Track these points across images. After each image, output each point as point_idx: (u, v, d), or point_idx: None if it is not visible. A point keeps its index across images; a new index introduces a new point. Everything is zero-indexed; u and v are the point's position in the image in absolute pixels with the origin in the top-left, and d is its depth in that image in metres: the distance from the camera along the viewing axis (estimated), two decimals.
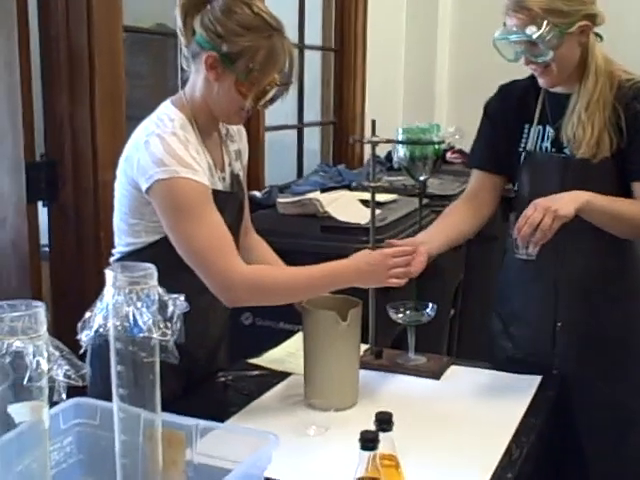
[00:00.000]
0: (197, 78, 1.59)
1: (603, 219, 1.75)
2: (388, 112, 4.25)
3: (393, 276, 1.63)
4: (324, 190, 2.95)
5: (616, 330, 1.91)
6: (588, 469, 1.90)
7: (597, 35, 1.83)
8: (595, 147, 1.77)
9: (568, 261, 1.88)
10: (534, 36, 1.71)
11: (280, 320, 2.39)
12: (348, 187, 3.23)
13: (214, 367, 1.82)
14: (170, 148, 1.50)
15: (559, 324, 1.90)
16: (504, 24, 1.78)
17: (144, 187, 1.52)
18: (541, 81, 1.84)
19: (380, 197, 2.82)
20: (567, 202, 1.64)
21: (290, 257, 1.85)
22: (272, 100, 1.61)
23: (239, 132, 1.79)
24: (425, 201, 2.90)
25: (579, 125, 1.79)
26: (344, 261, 1.64)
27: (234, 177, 1.73)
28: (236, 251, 1.56)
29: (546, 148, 1.88)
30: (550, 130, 1.87)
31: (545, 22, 1.70)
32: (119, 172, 1.60)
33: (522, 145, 1.91)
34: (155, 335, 0.98)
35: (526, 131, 1.91)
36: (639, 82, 1.81)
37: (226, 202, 1.65)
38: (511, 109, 1.94)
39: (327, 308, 1.65)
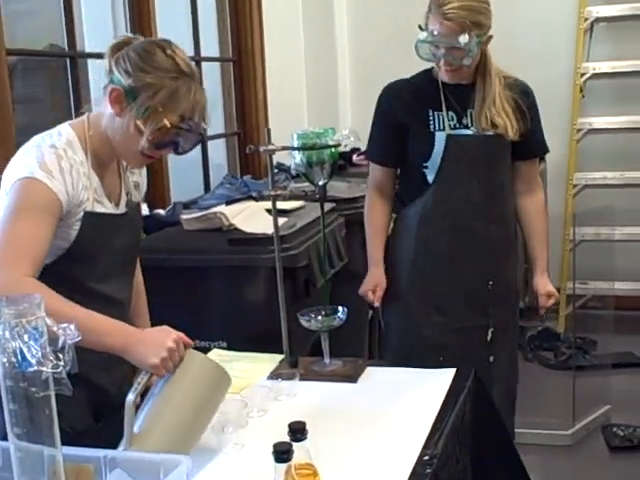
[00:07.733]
0: (105, 111, 1.59)
1: None
2: (293, 119, 4.25)
3: (160, 365, 1.42)
4: (229, 202, 2.93)
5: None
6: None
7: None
8: (516, 128, 2.22)
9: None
10: (463, 44, 2.06)
11: (195, 338, 2.35)
12: (254, 198, 3.21)
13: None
14: (41, 157, 1.50)
15: (490, 283, 2.31)
16: (421, 27, 2.11)
17: (6, 188, 1.50)
18: (448, 77, 2.20)
19: (287, 205, 2.81)
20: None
21: (198, 274, 1.83)
22: (174, 145, 1.58)
23: None
24: (332, 205, 2.94)
25: (495, 115, 2.20)
26: (125, 325, 1.50)
27: (132, 206, 1.72)
28: (30, 264, 1.43)
29: (454, 125, 2.24)
30: (452, 114, 2.24)
31: (472, 32, 2.07)
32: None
33: (431, 127, 2.24)
34: (46, 368, 0.95)
35: (431, 116, 2.24)
36: (517, 79, 2.28)
37: (113, 225, 1.64)
38: (407, 102, 2.27)
39: None
